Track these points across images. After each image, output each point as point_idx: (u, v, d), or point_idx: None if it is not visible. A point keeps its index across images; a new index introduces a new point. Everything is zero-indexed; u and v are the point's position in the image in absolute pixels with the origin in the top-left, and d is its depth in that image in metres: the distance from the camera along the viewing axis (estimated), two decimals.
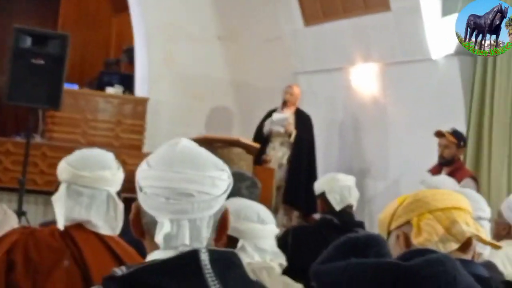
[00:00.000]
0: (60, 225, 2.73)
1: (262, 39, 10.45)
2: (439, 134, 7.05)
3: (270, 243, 3.15)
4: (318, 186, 5.13)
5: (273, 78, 9.99)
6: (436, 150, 7.17)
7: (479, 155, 7.53)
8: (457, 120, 7.70)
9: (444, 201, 2.20)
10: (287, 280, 3.19)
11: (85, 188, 2.76)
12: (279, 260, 3.17)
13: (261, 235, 3.13)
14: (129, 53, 11.09)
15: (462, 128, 7.53)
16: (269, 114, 9.18)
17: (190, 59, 10.36)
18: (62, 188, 2.77)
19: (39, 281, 2.60)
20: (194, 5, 10.42)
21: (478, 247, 2.32)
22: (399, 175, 8.40)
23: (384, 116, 8.90)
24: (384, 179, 8.79)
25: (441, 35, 7.85)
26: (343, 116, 9.67)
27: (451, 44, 7.81)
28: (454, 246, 2.13)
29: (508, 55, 7.24)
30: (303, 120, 9.13)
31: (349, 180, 5.08)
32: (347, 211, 4.98)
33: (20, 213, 7.11)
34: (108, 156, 2.86)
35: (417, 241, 2.13)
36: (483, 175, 7.36)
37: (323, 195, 5.02)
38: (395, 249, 2.24)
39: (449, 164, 6.94)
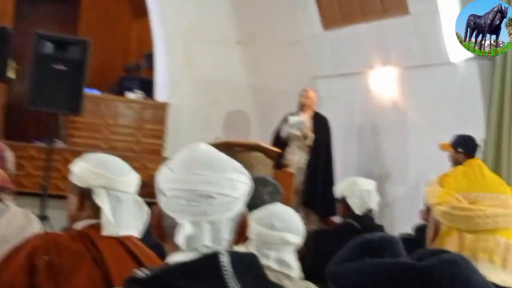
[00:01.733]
0: (112, 231, 2.77)
1: (281, 43, 10.48)
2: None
3: (279, 251, 3.11)
4: (339, 190, 5.13)
5: (291, 82, 10.01)
6: None
7: (499, 159, 7.51)
8: (476, 123, 7.69)
9: (481, 224, 2.10)
10: (310, 285, 3.18)
11: (122, 193, 2.81)
12: (286, 271, 3.13)
13: (267, 240, 3.11)
14: (149, 58, 11.15)
15: (481, 131, 7.52)
16: (285, 118, 9.21)
17: (210, 64, 10.40)
18: (102, 194, 2.80)
19: (60, 284, 2.63)
20: (213, 10, 10.47)
21: None
22: (418, 179, 8.38)
23: (403, 120, 8.89)
24: (404, 183, 8.78)
25: None
26: (362, 120, 9.66)
27: None
28: None
29: None
30: (320, 123, 9.16)
31: (369, 185, 5.09)
32: (367, 215, 5.00)
33: (42, 218, 7.17)
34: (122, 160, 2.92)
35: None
36: (503, 179, 7.33)
37: (343, 199, 5.03)
38: (429, 229, 2.25)
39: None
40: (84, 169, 2.84)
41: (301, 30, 10.34)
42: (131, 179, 2.84)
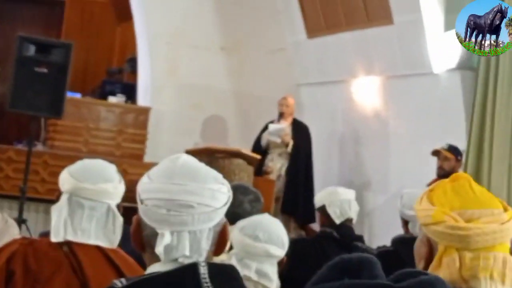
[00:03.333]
0: (59, 236, 2.73)
1: (265, 50, 10.49)
2: (435, 153, 7.25)
3: (261, 262, 3.09)
4: (318, 200, 5.13)
5: (275, 89, 10.01)
6: (436, 164, 7.27)
7: (480, 169, 7.53)
8: (458, 133, 7.72)
9: (480, 242, 2.07)
10: None
11: (87, 200, 2.75)
12: (265, 283, 3.10)
13: (250, 251, 3.08)
14: (132, 62, 11.11)
15: (462, 142, 7.55)
16: (266, 127, 9.23)
17: (193, 69, 10.38)
18: (63, 199, 2.78)
19: None
20: (197, 16, 10.45)
21: None
22: (399, 188, 8.38)
23: (385, 129, 8.92)
24: (384, 192, 8.80)
25: (444, 49, 7.87)
26: (344, 129, 9.68)
27: (453, 58, 7.83)
28: None
29: (510, 69, 7.26)
30: (300, 130, 9.19)
31: (349, 194, 5.10)
32: (346, 225, 5.00)
33: (20, 221, 7.12)
34: (111, 169, 2.85)
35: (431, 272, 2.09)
36: None
37: (323, 208, 5.03)
38: (420, 248, 2.20)
39: (448, 176, 7.00)
40: (62, 174, 2.83)
41: (285, 38, 10.35)
42: (105, 188, 2.78)
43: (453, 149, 7.31)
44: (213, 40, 10.48)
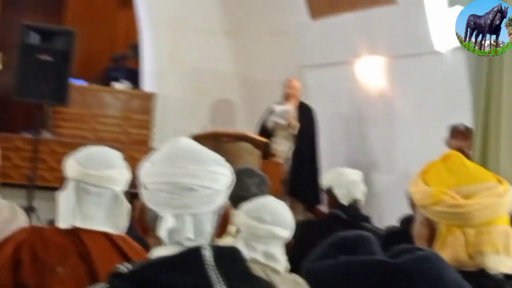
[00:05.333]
0: (67, 222, 2.75)
1: (268, 32, 10.46)
2: (458, 133, 7.20)
3: (267, 244, 3.10)
4: (325, 181, 5.14)
5: (279, 71, 10.00)
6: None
7: (486, 148, 7.51)
8: (463, 112, 7.70)
9: (481, 217, 2.09)
10: (297, 278, 3.17)
11: (93, 187, 2.77)
12: (273, 264, 3.12)
13: (256, 233, 3.09)
14: (136, 48, 11.11)
15: (468, 121, 7.53)
16: (270, 108, 9.23)
17: (197, 53, 10.38)
18: (70, 186, 2.79)
19: (46, 278, 2.63)
20: (199, 0, 10.44)
21: None
22: (406, 168, 8.39)
23: (390, 109, 8.90)
24: (391, 173, 8.80)
25: (447, 27, 7.84)
26: (349, 110, 9.67)
27: None
28: (470, 269, 2.10)
29: None
30: (305, 113, 9.19)
31: (356, 175, 5.10)
32: (354, 206, 5.00)
33: (29, 209, 7.15)
34: (116, 155, 2.86)
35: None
36: (490, 169, 7.33)
37: (330, 189, 5.04)
38: (420, 230, 2.21)
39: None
40: (67, 162, 2.85)
41: (288, 20, 10.32)
42: (110, 174, 2.79)
43: (470, 129, 7.27)
44: (215, 24, 10.47)
